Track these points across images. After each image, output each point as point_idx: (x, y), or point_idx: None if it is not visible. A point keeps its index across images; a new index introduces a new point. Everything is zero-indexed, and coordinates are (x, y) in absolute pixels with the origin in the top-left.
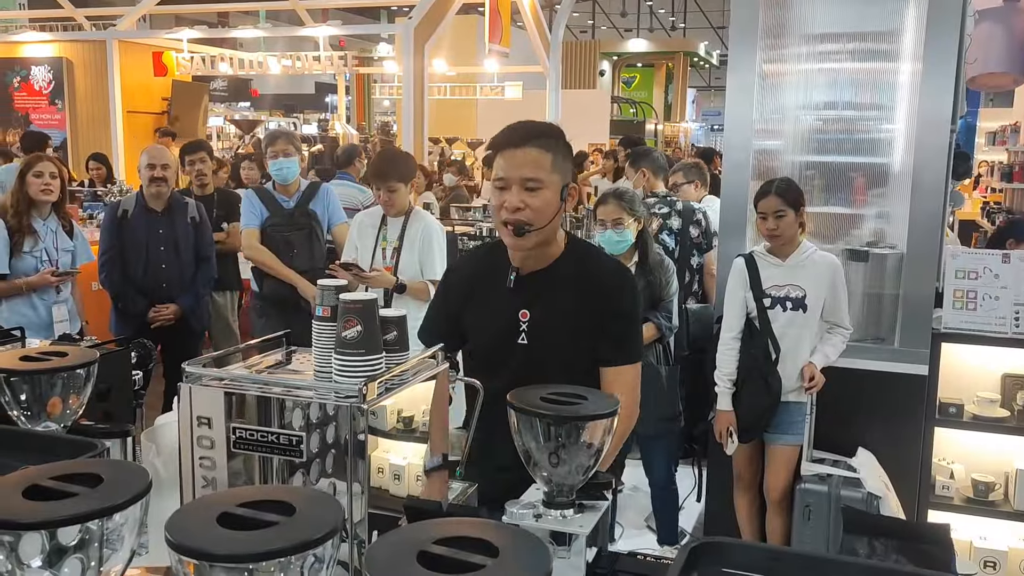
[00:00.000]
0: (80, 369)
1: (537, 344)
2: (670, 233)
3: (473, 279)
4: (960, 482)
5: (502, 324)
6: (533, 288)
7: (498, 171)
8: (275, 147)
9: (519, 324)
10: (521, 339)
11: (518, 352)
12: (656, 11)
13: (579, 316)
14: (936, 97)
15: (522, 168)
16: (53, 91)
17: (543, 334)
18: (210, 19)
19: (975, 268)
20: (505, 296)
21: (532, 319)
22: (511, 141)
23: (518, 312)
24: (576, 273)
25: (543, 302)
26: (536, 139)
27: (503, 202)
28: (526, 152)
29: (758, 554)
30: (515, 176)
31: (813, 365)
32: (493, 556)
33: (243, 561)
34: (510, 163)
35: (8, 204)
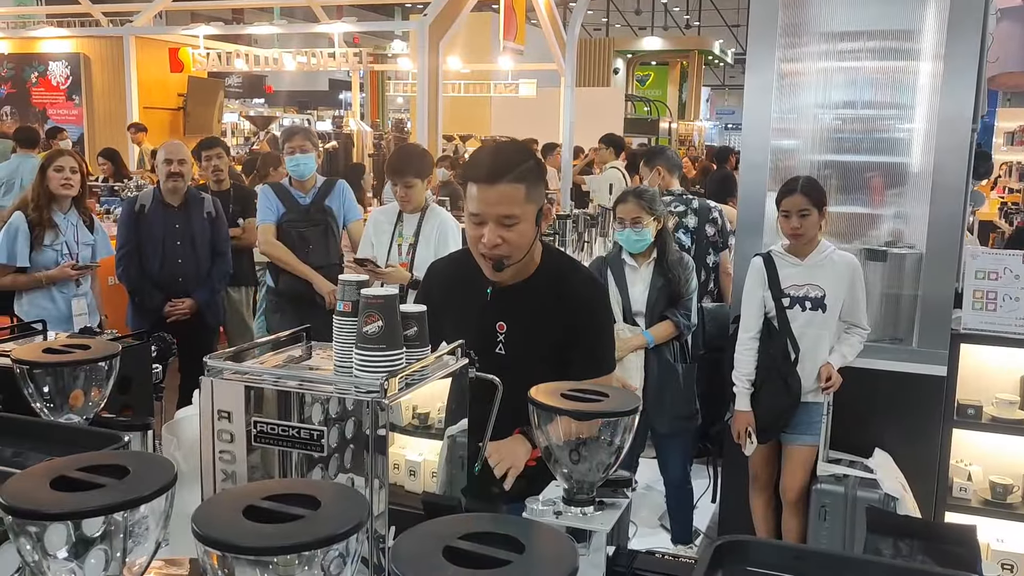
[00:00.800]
0: (102, 362)
1: (514, 354)
2: (686, 231)
3: (451, 286)
4: (978, 484)
5: (480, 335)
6: (510, 301)
7: (473, 206)
8: (292, 143)
9: (496, 335)
10: (499, 349)
11: (496, 361)
12: (671, 9)
13: (554, 328)
14: (957, 96)
15: (497, 206)
16: (70, 87)
17: (520, 345)
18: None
19: (995, 268)
20: (483, 307)
21: (509, 331)
22: (484, 177)
23: (495, 324)
24: (551, 286)
25: (520, 315)
26: (508, 174)
27: (480, 236)
28: (499, 189)
29: (783, 553)
30: (491, 213)
31: (830, 365)
32: (519, 552)
33: (269, 554)
34: (485, 200)
35: (29, 198)
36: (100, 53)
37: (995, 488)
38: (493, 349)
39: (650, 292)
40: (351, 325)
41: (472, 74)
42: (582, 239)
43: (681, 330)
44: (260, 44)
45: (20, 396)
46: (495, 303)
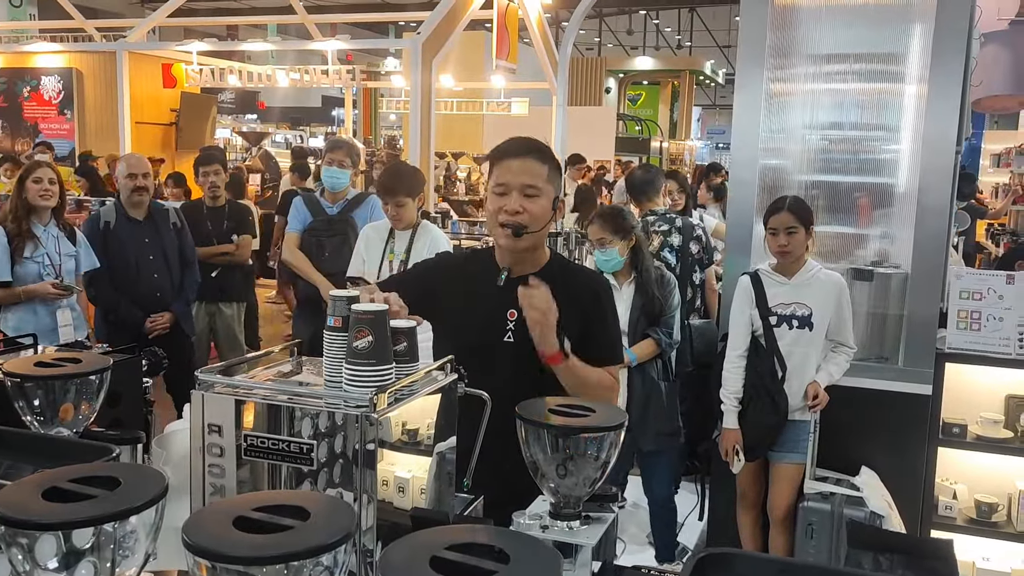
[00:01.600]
0: (93, 376)
1: (524, 342)
2: (671, 250)
3: (458, 275)
4: (963, 503)
5: (489, 323)
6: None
7: (499, 178)
8: (333, 155)
9: (507, 323)
10: (508, 337)
11: (505, 351)
12: (662, 29)
13: (565, 319)
14: (941, 118)
15: (522, 175)
16: (63, 101)
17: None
18: (220, 32)
19: (979, 289)
20: (494, 296)
21: (520, 318)
22: (513, 151)
23: (506, 312)
24: (560, 279)
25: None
26: (534, 152)
27: (502, 206)
28: (526, 162)
29: (766, 565)
30: (516, 183)
31: (817, 384)
32: (504, 563)
33: (258, 563)
34: (511, 171)
35: (7, 210)
36: (93, 68)
37: (980, 506)
38: (502, 337)
39: (631, 311)
40: (341, 340)
41: (465, 92)
42: (572, 256)
43: (663, 348)
44: (253, 61)
45: (10, 409)
46: (506, 291)
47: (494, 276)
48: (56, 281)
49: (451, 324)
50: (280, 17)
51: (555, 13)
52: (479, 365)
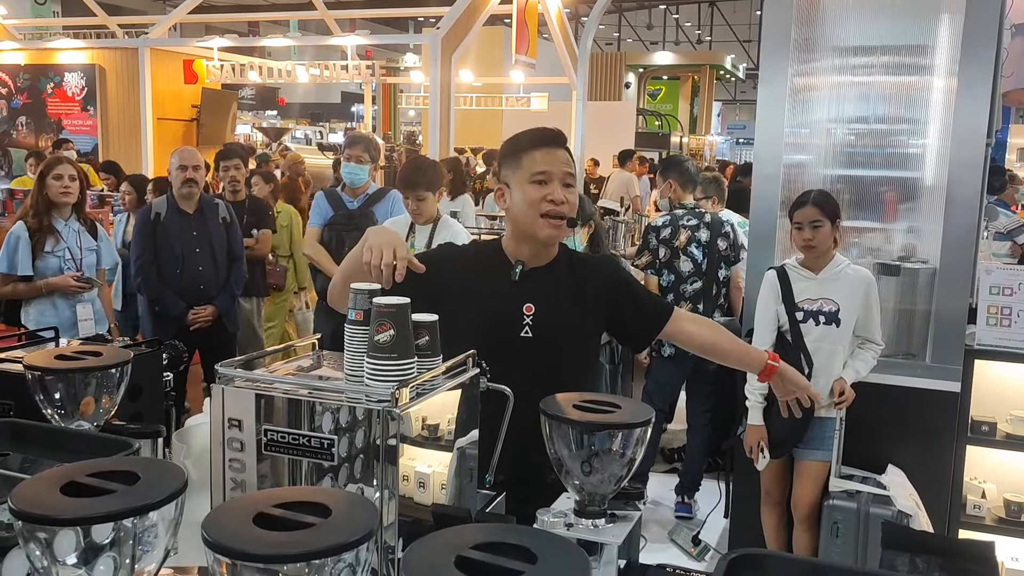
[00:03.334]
0: (114, 369)
1: (542, 337)
2: (698, 246)
3: (469, 269)
4: (992, 501)
5: (505, 318)
6: (536, 283)
7: (539, 165)
8: (352, 151)
9: (523, 318)
10: (525, 332)
11: (522, 346)
12: (682, 24)
13: (582, 307)
14: (972, 111)
15: (564, 165)
16: (85, 97)
17: (548, 326)
18: (240, 28)
19: (1010, 284)
20: (508, 291)
21: (537, 312)
22: (551, 140)
23: (522, 306)
24: (572, 269)
25: (547, 295)
26: (564, 143)
27: (545, 195)
28: (563, 153)
29: (797, 566)
30: (558, 172)
31: (843, 380)
32: (531, 562)
33: (278, 562)
34: (552, 159)
35: (28, 206)
36: (115, 64)
37: (1009, 506)
38: (519, 332)
39: None
40: (363, 334)
41: (484, 87)
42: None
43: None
44: (274, 57)
45: (31, 402)
46: (522, 285)
47: (505, 270)
48: (77, 274)
49: (464, 320)
50: (300, 13)
51: (575, 8)
52: (497, 361)
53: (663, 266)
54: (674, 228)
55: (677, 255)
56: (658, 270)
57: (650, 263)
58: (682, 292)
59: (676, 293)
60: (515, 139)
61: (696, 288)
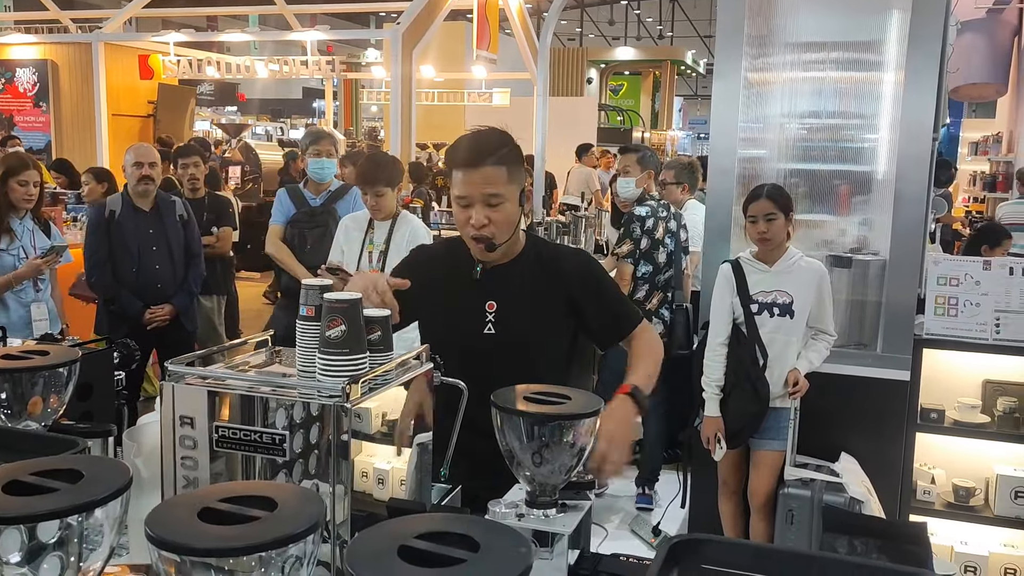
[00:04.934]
0: (61, 368)
1: (504, 334)
2: (671, 236)
3: (437, 267)
4: (941, 487)
5: (469, 315)
6: (498, 280)
7: (459, 189)
8: (319, 146)
9: (485, 315)
10: (488, 329)
11: (486, 343)
12: (643, 20)
13: (546, 302)
14: (918, 106)
15: (482, 187)
16: (38, 93)
17: (510, 323)
18: (198, 23)
19: (956, 275)
20: (471, 289)
21: (499, 309)
22: (467, 160)
23: (484, 304)
24: (539, 264)
25: (509, 292)
26: (490, 156)
27: (468, 218)
28: (483, 172)
29: (739, 551)
30: (476, 194)
31: (797, 371)
32: (474, 551)
33: (221, 555)
34: (469, 182)
35: None
36: (68, 60)
37: (958, 491)
38: (482, 330)
39: None
40: (314, 329)
41: (446, 83)
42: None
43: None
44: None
45: None
46: (483, 283)
47: (468, 268)
48: (38, 256)
49: (431, 318)
50: (260, 8)
51: (536, 3)
52: (463, 358)
53: (642, 256)
54: (655, 219)
55: (656, 246)
56: (636, 260)
57: (631, 252)
58: (657, 282)
59: (652, 283)
60: (451, 148)
61: (668, 277)
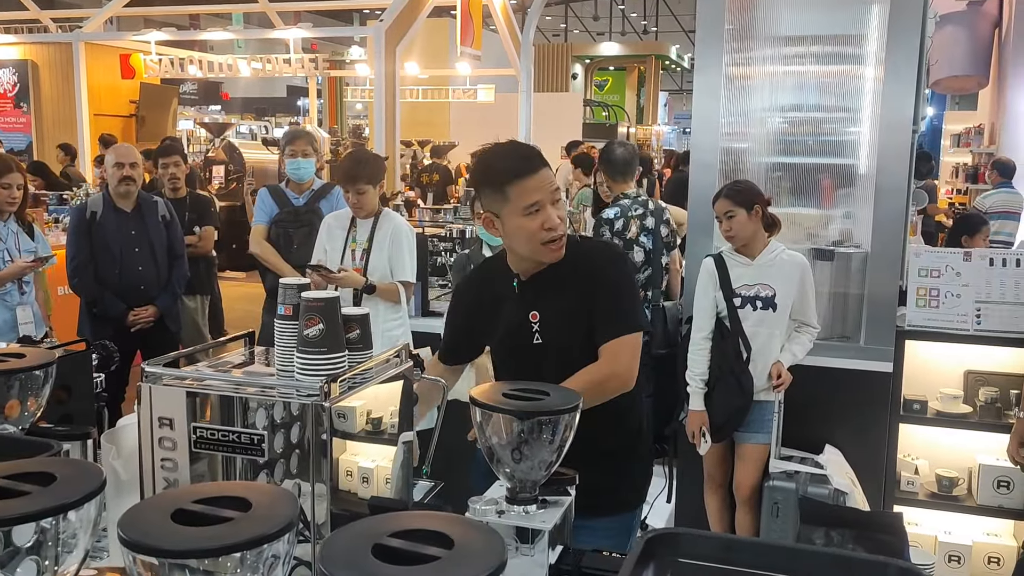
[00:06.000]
0: (38, 370)
1: (551, 341)
2: (647, 234)
3: (480, 294)
4: (924, 477)
5: (515, 329)
6: (537, 290)
7: (530, 196)
8: (294, 146)
9: (531, 326)
10: (536, 339)
11: (536, 352)
12: (628, 15)
13: (583, 304)
14: (898, 99)
15: (549, 185)
16: (18, 94)
17: (554, 331)
18: (180, 22)
19: (937, 266)
20: (513, 303)
21: (542, 319)
22: (531, 167)
23: (528, 315)
24: (570, 264)
25: (548, 301)
26: (539, 158)
27: (542, 224)
28: (543, 173)
29: (713, 544)
30: (547, 196)
31: (781, 364)
32: (448, 548)
33: (195, 556)
34: (539, 187)
35: None
36: (49, 60)
37: (941, 481)
38: (531, 340)
39: None
40: (293, 328)
41: (430, 80)
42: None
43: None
44: (216, 50)
45: None
46: (524, 295)
47: (508, 281)
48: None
49: (484, 336)
50: (242, 5)
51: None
52: (517, 369)
53: None
54: (625, 219)
55: (630, 246)
56: None
57: None
58: (636, 281)
59: None
60: (490, 166)
61: (647, 276)
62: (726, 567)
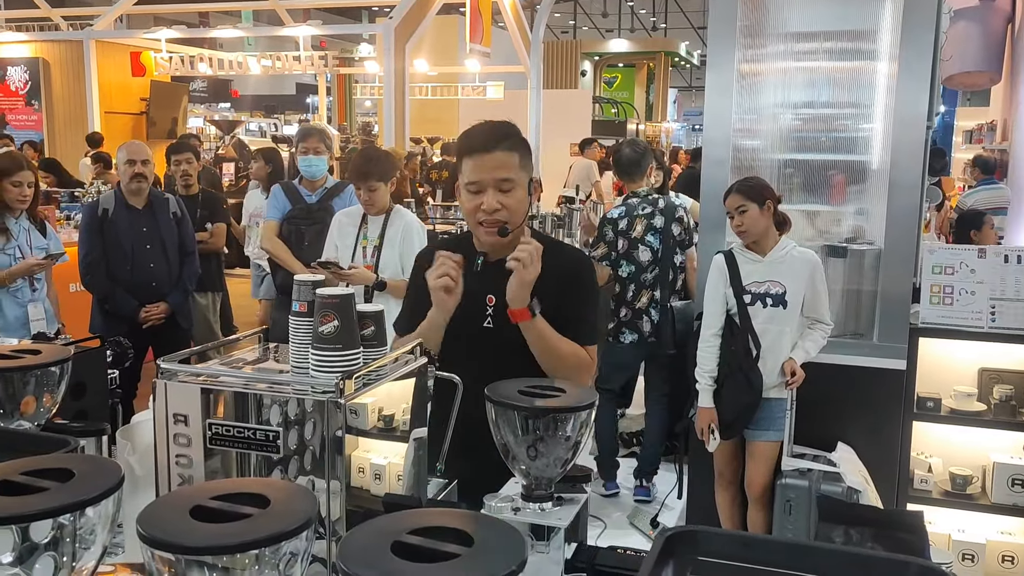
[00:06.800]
0: (53, 367)
1: (503, 328)
2: (654, 233)
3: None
4: (938, 475)
5: (469, 309)
6: (500, 274)
7: (470, 175)
8: (306, 143)
9: (485, 308)
10: (487, 323)
11: (485, 336)
12: (637, 11)
13: (547, 300)
14: (912, 94)
15: (495, 171)
16: (30, 92)
17: (508, 318)
18: (190, 19)
19: (952, 263)
20: (473, 282)
21: (498, 304)
22: (480, 145)
23: (485, 297)
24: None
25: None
26: (502, 142)
27: (479, 204)
28: (495, 156)
29: (733, 542)
30: (489, 179)
31: (793, 361)
32: (468, 545)
33: (215, 553)
34: (481, 167)
35: None
36: (60, 57)
37: (955, 479)
38: (482, 323)
39: None
40: (307, 325)
41: (439, 77)
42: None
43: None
44: (226, 48)
45: None
46: (484, 276)
47: (471, 261)
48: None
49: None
50: (251, 3)
51: None
52: (462, 351)
53: (622, 257)
54: (630, 218)
55: (635, 245)
56: (616, 261)
57: (605, 255)
58: (643, 281)
59: (637, 283)
60: (459, 139)
61: (655, 275)
62: (745, 565)
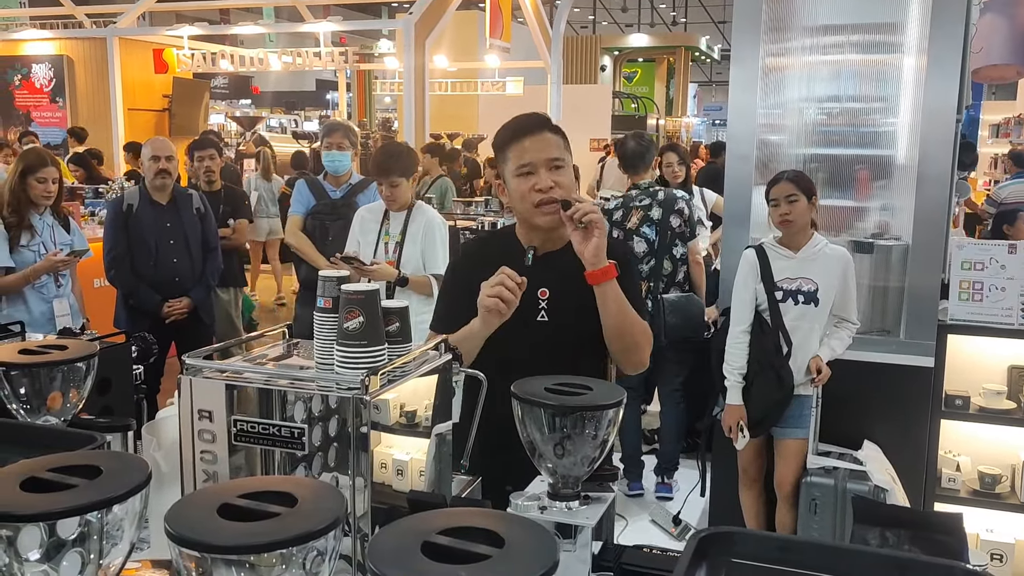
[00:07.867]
0: (80, 362)
1: (556, 320)
2: (651, 225)
3: (484, 263)
4: (966, 474)
5: (521, 303)
6: (550, 267)
7: (521, 159)
8: (331, 139)
9: (538, 302)
10: (541, 316)
11: (538, 329)
12: (657, 6)
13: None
14: (941, 87)
15: (545, 150)
16: (54, 89)
17: (562, 310)
18: (211, 16)
19: (981, 259)
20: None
21: (551, 297)
22: (527, 129)
23: (537, 290)
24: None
25: (561, 280)
26: (547, 124)
27: (533, 185)
28: (544, 136)
29: (768, 544)
30: (541, 158)
31: (819, 358)
32: (499, 547)
33: (243, 552)
34: (533, 148)
35: (5, 200)
36: (83, 55)
37: (983, 478)
38: (535, 317)
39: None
40: (332, 321)
41: (459, 72)
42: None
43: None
44: (246, 45)
45: None
46: (535, 270)
47: (517, 255)
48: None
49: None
50: (272, 0)
51: None
52: (516, 346)
53: None
54: (626, 210)
55: (630, 237)
56: None
57: None
58: (639, 272)
59: None
60: (500, 132)
61: (650, 267)
62: (782, 568)
